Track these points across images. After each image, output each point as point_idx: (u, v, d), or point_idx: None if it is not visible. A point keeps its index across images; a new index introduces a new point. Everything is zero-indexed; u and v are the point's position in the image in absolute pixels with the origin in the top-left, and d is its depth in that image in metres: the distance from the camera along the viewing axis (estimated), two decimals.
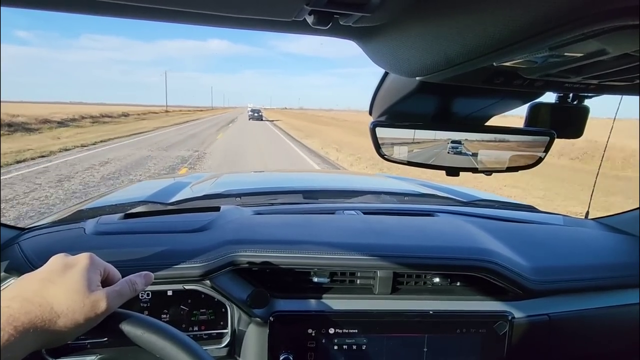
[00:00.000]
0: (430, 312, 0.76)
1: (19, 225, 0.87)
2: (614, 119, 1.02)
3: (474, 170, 0.61)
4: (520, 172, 0.63)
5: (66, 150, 10.57)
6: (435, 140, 0.59)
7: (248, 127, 25.12)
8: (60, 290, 0.42)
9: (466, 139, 0.59)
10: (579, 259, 0.88)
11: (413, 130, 0.60)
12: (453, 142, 0.59)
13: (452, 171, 0.60)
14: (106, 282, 0.48)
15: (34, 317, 0.39)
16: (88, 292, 0.43)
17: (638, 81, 0.40)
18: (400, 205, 1.22)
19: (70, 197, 5.38)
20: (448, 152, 0.59)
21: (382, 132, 0.59)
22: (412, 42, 0.36)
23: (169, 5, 0.33)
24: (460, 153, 0.59)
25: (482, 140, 0.60)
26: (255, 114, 35.47)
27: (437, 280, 0.82)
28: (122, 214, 0.92)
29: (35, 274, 0.44)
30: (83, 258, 0.46)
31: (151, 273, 0.52)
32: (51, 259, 0.46)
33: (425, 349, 0.75)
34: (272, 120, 38.19)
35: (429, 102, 0.58)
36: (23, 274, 0.67)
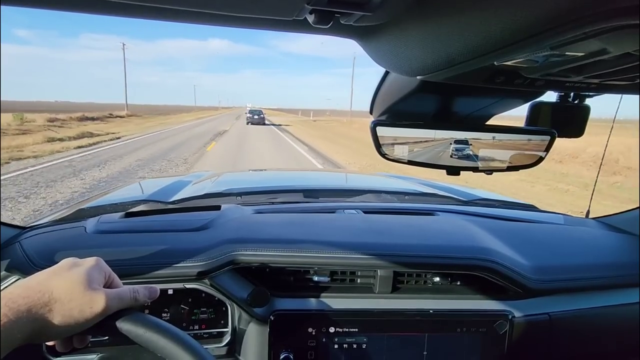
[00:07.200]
0: (431, 311, 0.76)
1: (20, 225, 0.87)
2: (614, 119, 1.02)
3: (475, 169, 0.61)
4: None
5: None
6: (436, 139, 0.59)
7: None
8: (63, 281, 0.44)
9: (466, 138, 0.59)
10: (580, 258, 0.88)
11: (414, 129, 0.60)
12: (457, 142, 0.58)
13: (453, 170, 0.60)
14: (109, 288, 0.49)
15: (32, 302, 0.40)
16: (88, 287, 0.44)
17: (639, 80, 0.40)
18: (400, 204, 1.22)
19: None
20: (451, 156, 0.58)
21: (383, 131, 0.59)
22: (413, 41, 0.36)
23: (171, 5, 0.33)
24: (467, 157, 0.58)
25: (483, 140, 0.60)
26: (255, 117, 28.82)
27: (437, 279, 0.82)
28: (122, 213, 0.93)
29: (45, 270, 0.46)
30: (90, 259, 0.49)
31: (157, 288, 0.52)
32: (62, 260, 0.48)
33: (425, 349, 0.75)
34: (280, 125, 29.66)
35: (430, 102, 0.57)
36: (24, 272, 0.68)
